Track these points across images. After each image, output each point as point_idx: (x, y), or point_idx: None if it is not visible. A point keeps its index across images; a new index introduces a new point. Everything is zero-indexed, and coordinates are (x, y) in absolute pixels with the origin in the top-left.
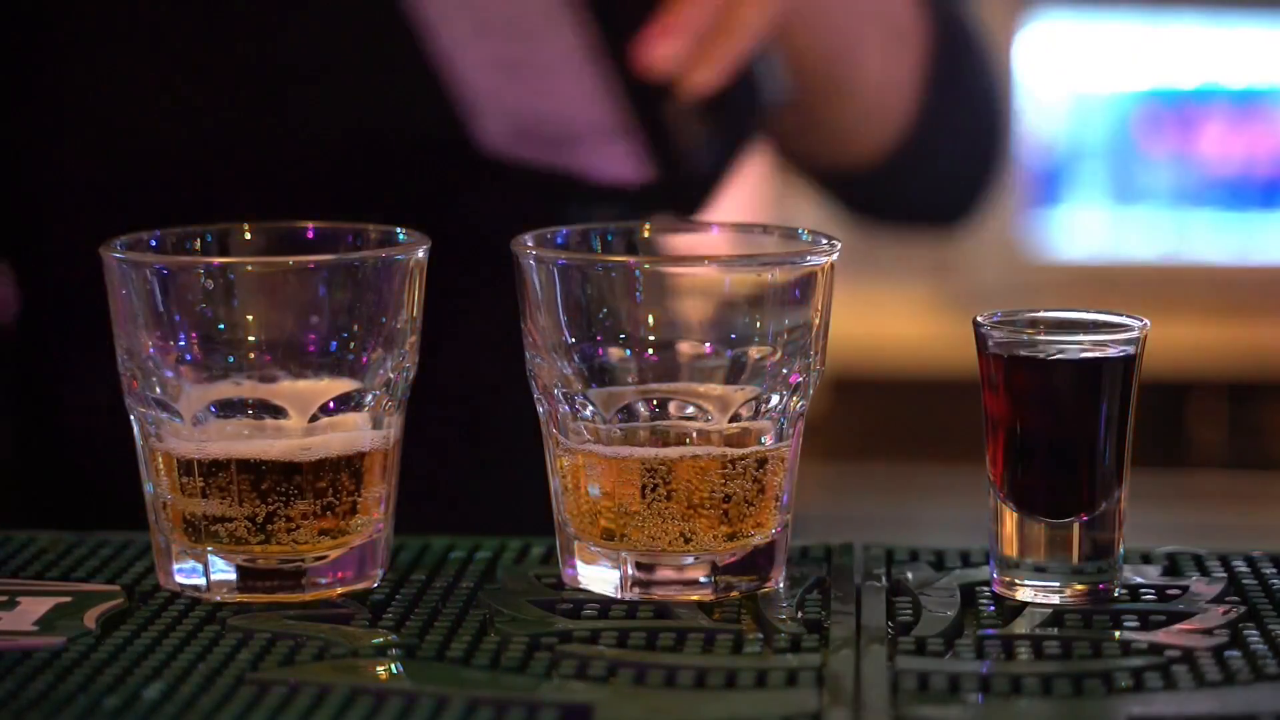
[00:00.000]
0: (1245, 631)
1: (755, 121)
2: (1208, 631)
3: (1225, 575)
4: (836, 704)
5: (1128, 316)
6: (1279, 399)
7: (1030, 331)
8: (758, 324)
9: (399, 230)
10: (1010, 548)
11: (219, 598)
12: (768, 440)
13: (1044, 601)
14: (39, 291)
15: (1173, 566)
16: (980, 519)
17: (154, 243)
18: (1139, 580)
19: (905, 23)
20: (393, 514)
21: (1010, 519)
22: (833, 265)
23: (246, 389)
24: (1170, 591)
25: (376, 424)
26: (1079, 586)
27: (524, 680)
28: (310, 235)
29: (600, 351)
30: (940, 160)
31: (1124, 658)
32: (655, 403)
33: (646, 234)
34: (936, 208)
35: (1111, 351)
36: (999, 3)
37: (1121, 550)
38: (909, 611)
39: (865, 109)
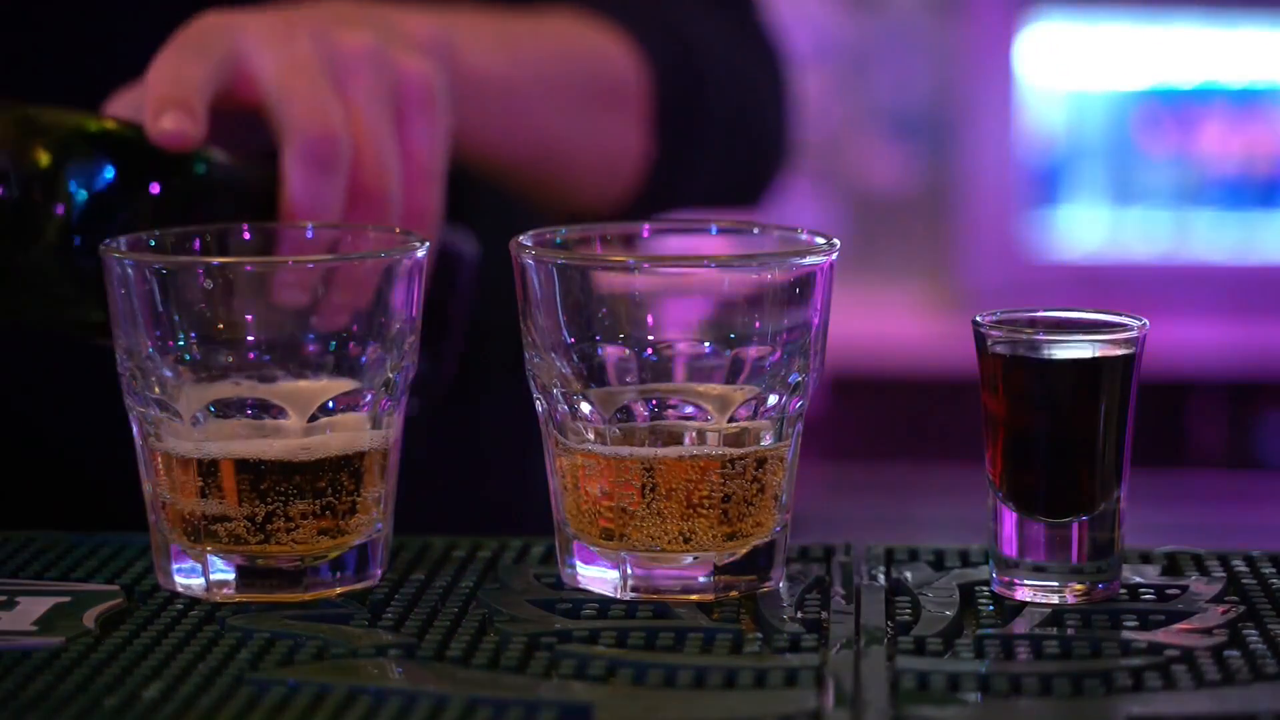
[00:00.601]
0: (1244, 631)
1: (457, 319)
2: (1207, 631)
3: (1224, 575)
4: (836, 704)
5: (1127, 316)
6: (1278, 399)
7: (1030, 331)
8: (757, 324)
9: (397, 230)
10: (1010, 547)
11: (218, 598)
12: (767, 440)
13: (1043, 601)
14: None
15: (1172, 566)
16: (979, 519)
17: (153, 242)
18: (1138, 580)
19: (619, 86)
20: (392, 514)
21: (1009, 519)
22: (832, 265)
23: (245, 389)
24: (1169, 591)
25: (375, 424)
26: (1078, 586)
27: (523, 680)
28: (309, 235)
29: (599, 351)
30: (700, 177)
31: (1123, 657)
32: (654, 402)
33: (646, 234)
34: (717, 202)
35: (1111, 351)
36: (999, 3)
37: (1121, 550)
38: (908, 611)
39: (584, 175)
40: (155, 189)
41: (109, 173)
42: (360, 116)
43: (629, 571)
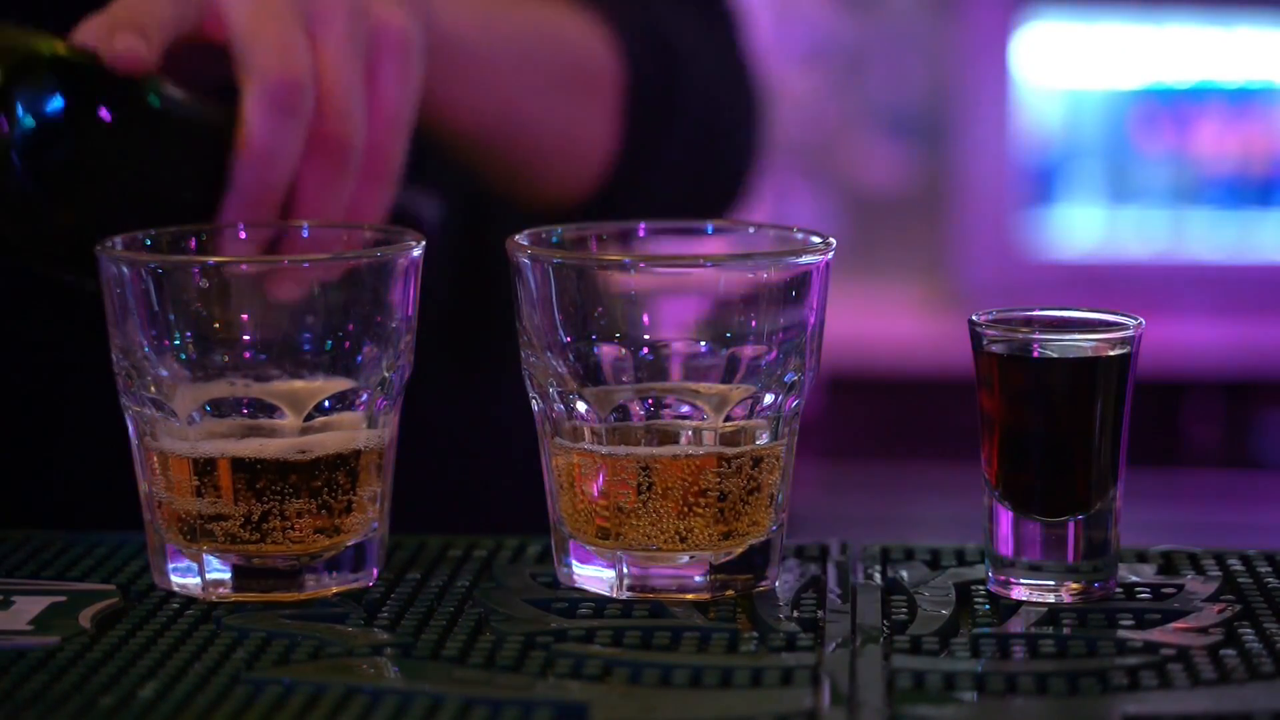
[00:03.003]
0: (1240, 630)
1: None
2: (1203, 630)
3: (1220, 574)
4: (832, 703)
5: (1123, 315)
6: (1274, 397)
7: (1026, 330)
8: (753, 323)
9: (394, 229)
10: (1006, 546)
11: (214, 597)
12: (763, 439)
13: (1039, 600)
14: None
15: (1168, 565)
16: (976, 518)
17: (149, 241)
18: (1134, 579)
19: (593, 74)
20: (388, 513)
21: (1006, 518)
22: (828, 264)
23: (241, 388)
24: (1165, 590)
25: (372, 423)
26: (1074, 585)
27: (519, 679)
28: (305, 234)
29: (595, 350)
30: (668, 175)
31: (1119, 656)
32: (650, 401)
33: (641, 233)
34: (686, 207)
35: (1107, 350)
36: (995, 2)
37: (1117, 549)
38: (904, 610)
39: (551, 160)
40: (106, 116)
41: (58, 97)
42: (329, 64)
43: (625, 571)
